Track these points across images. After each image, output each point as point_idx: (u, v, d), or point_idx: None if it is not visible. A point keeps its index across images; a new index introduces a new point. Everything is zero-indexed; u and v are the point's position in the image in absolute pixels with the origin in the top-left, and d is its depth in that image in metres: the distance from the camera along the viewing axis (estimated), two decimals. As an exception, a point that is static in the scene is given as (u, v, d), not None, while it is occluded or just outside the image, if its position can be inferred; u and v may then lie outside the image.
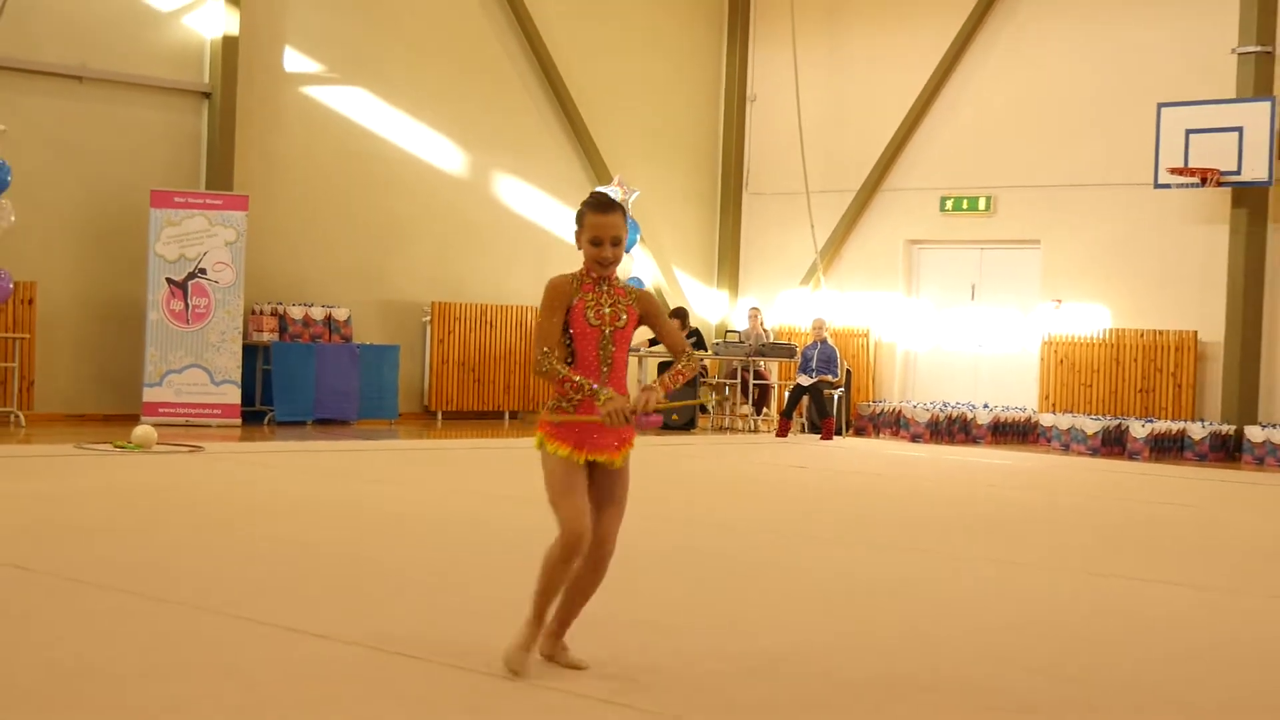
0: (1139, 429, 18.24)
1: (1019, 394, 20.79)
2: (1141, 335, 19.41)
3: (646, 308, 5.12)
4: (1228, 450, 17.95)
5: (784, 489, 13.82)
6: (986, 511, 12.48)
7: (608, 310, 4.97)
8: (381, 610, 6.94)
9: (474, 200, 20.44)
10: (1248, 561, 9.73)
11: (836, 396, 19.86)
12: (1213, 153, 18.21)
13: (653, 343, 20.56)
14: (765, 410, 21.38)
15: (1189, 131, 18.35)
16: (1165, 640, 6.92)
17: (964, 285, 21.49)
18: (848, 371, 20.61)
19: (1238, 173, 18.06)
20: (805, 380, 19.52)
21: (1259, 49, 18.30)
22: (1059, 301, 20.36)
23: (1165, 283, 19.17)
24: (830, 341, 19.98)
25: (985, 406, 20.52)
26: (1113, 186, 19.70)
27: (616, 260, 5.03)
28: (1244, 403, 18.38)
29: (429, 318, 19.51)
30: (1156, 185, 18.65)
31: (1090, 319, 20.08)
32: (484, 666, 5.76)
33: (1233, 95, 18.52)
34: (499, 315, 20.30)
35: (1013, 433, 20.13)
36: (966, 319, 21.49)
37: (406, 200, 19.61)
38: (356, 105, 19.05)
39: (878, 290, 22.07)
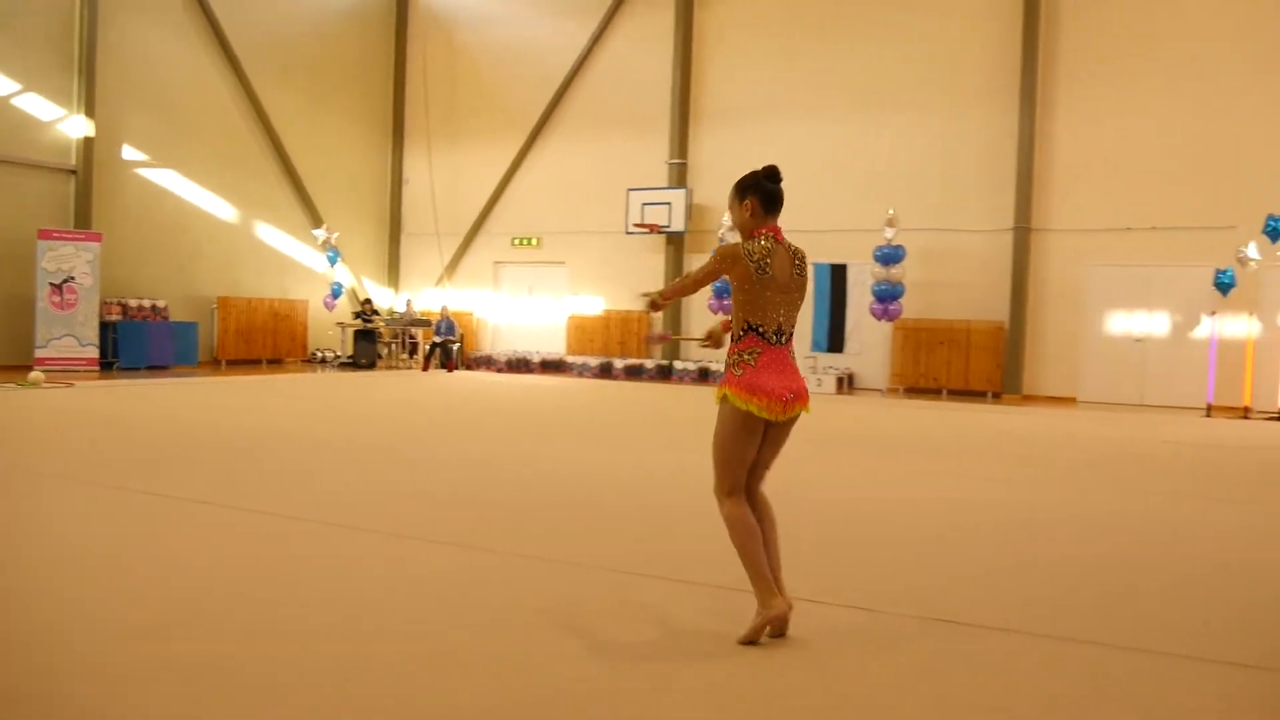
0: (619, 363, 22.02)
1: (555, 344, 24.04)
2: (620, 313, 22.98)
3: None
4: (664, 374, 21.69)
5: (429, 400, 15.74)
6: (537, 410, 14.36)
7: None
8: (220, 478, 7.49)
9: (241, 236, 22.46)
10: (676, 431, 11.75)
11: (455, 348, 22.69)
12: (656, 215, 21.97)
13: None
14: (415, 356, 23.85)
15: (644, 204, 22.12)
16: (625, 478, 8.28)
17: (525, 286, 24.54)
18: (461, 334, 23.34)
19: (669, 227, 21.87)
20: (437, 339, 22.58)
21: (678, 161, 22.31)
22: (577, 294, 23.52)
23: (633, 284, 21.82)
24: (450, 316, 23.01)
25: (536, 352, 23.40)
26: (604, 233, 23.12)
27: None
28: (673, 349, 22.40)
29: (216, 306, 21.61)
30: (627, 232, 22.39)
31: (594, 304, 23.49)
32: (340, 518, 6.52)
33: (666, 185, 22.23)
34: (259, 304, 22.36)
35: (552, 366, 22.71)
36: (527, 305, 24.55)
37: (201, 237, 21.57)
38: (168, 179, 20.94)
39: (478, 289, 25.09)
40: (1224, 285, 17.81)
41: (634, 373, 22.12)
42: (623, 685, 3.68)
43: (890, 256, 19.44)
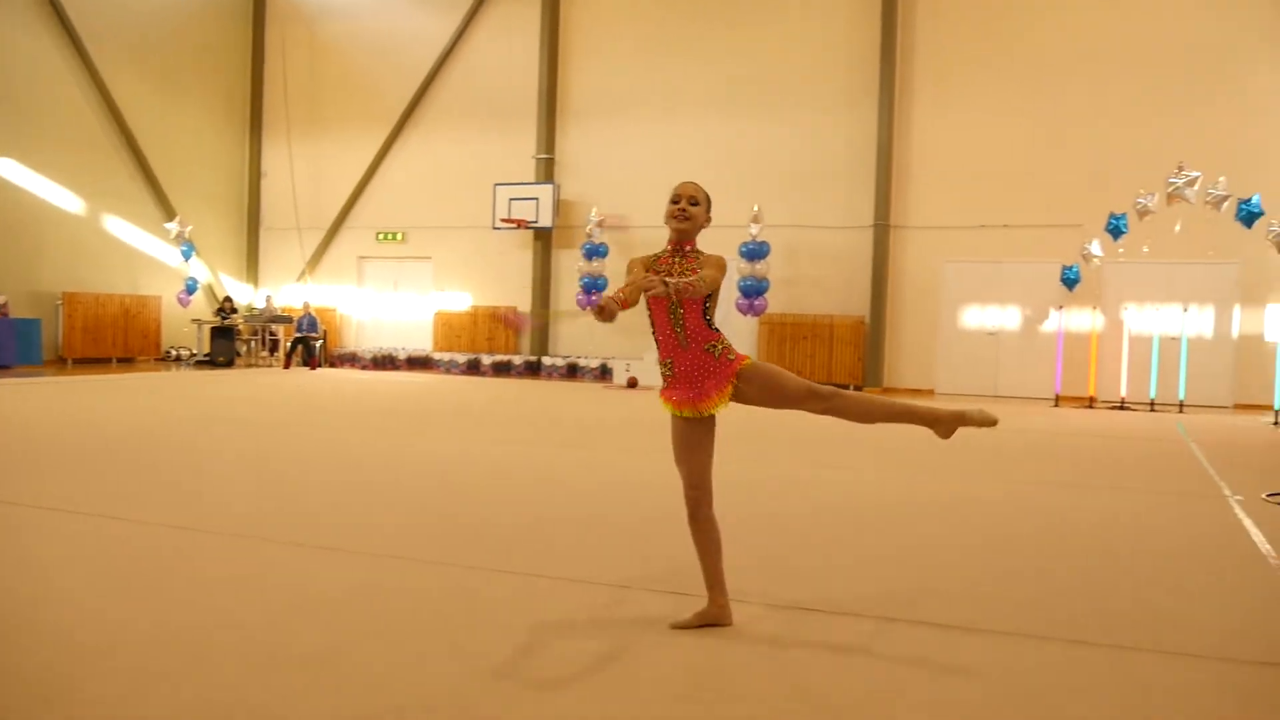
0: (486, 360, 22.02)
1: (421, 340, 23.92)
2: (486, 308, 22.79)
3: (706, 264, 3.98)
4: (533, 370, 21.82)
5: (291, 397, 15.80)
6: (407, 404, 14.67)
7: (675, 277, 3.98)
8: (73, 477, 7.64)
9: (89, 229, 21.83)
10: (540, 424, 12.10)
11: (318, 345, 22.66)
12: (524, 211, 21.94)
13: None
14: (276, 353, 23.57)
15: (511, 199, 22.07)
16: (506, 476, 8.45)
17: (390, 281, 24.45)
18: (324, 331, 23.31)
19: (536, 222, 21.85)
20: (299, 335, 22.60)
21: (546, 156, 22.27)
22: (442, 291, 23.53)
23: (501, 280, 22.76)
24: (312, 313, 22.88)
25: (403, 348, 23.49)
26: (472, 228, 22.98)
27: (687, 218, 4.02)
28: (542, 344, 22.60)
29: (61, 302, 20.97)
30: (494, 227, 22.34)
31: (461, 300, 23.43)
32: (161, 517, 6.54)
33: (533, 180, 22.25)
34: (108, 300, 21.70)
35: (419, 363, 22.80)
36: (392, 301, 24.44)
37: (47, 229, 20.90)
38: (6, 169, 20.18)
39: (341, 284, 24.87)
40: (1070, 281, 18.43)
41: (502, 369, 22.19)
42: (492, 691, 3.48)
43: (755, 252, 19.68)
